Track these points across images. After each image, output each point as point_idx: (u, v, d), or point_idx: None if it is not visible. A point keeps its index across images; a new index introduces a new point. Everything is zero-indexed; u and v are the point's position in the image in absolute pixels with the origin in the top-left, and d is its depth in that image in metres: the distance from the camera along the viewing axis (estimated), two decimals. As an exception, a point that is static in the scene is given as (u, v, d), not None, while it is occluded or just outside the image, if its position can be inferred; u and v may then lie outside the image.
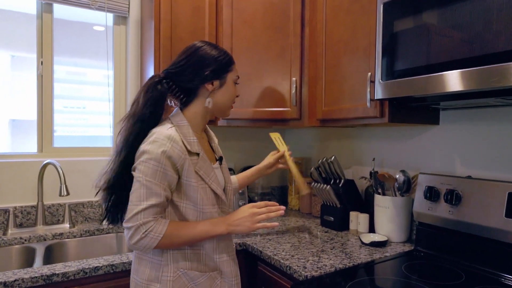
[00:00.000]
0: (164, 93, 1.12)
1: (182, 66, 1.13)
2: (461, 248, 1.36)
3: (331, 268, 1.29)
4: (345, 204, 1.77)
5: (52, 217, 1.83)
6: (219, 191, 1.16)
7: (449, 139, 1.54)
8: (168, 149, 1.04)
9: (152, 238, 1.02)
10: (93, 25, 2.06)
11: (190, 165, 1.09)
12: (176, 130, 1.09)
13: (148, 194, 1.03)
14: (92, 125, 2.11)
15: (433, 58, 1.15)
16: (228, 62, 1.18)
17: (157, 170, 1.03)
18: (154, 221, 1.03)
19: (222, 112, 1.23)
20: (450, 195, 1.37)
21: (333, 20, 1.63)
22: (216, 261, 1.15)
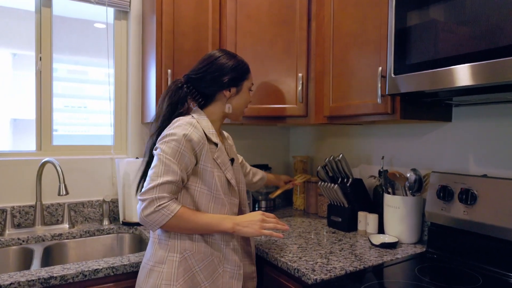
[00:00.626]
0: (185, 97, 1.23)
1: (203, 73, 1.23)
2: (477, 250, 1.30)
3: (341, 271, 1.24)
4: (353, 204, 1.72)
5: (51, 217, 1.78)
6: (233, 182, 1.22)
7: (462, 137, 1.48)
8: (190, 133, 1.11)
9: (164, 214, 1.05)
10: (94, 22, 2.00)
11: (209, 151, 1.15)
12: (197, 121, 1.18)
13: (166, 170, 1.07)
14: (93, 124, 2.05)
15: (449, 51, 1.09)
16: (245, 71, 1.28)
17: (177, 151, 1.09)
18: (169, 199, 1.07)
19: (235, 117, 1.32)
20: (465, 195, 1.31)
21: (341, 13, 1.57)
22: (222, 247, 1.18)
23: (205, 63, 1.24)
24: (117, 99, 2.03)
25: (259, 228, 1.14)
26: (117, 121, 2.03)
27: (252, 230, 1.14)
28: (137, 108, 2.01)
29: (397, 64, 1.25)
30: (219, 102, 1.27)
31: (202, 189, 1.16)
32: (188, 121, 1.15)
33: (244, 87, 1.29)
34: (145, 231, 1.71)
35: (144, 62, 1.96)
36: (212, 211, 1.17)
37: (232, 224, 1.13)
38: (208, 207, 1.17)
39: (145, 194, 1.06)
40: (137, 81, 2.00)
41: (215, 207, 1.18)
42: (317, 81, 1.72)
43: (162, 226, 1.07)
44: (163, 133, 1.15)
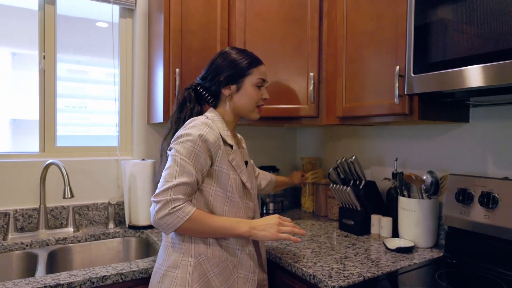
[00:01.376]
0: (189, 97, 1.22)
1: (206, 71, 1.24)
2: (499, 255, 1.26)
3: (359, 277, 1.19)
4: (366, 207, 1.67)
5: (55, 221, 1.73)
6: (248, 184, 1.19)
7: (480, 138, 1.44)
8: (205, 133, 1.08)
9: (178, 217, 1.02)
10: (96, 21, 1.95)
11: (224, 153, 1.12)
12: (212, 121, 1.15)
13: (181, 171, 1.04)
14: (94, 124, 2.00)
15: (474, 49, 1.05)
16: (245, 67, 1.21)
17: (192, 151, 1.06)
18: (183, 201, 1.03)
19: (245, 115, 1.26)
20: (486, 198, 1.27)
21: (355, 11, 1.52)
22: (237, 252, 1.15)
23: (210, 61, 1.24)
24: (122, 99, 1.99)
25: (276, 231, 1.09)
26: (122, 121, 1.99)
27: (269, 234, 1.09)
28: (143, 109, 1.96)
29: (416, 63, 1.21)
30: (225, 101, 1.24)
31: (217, 191, 1.12)
32: (203, 121, 1.12)
33: (246, 84, 1.22)
34: (152, 235, 1.66)
35: (150, 61, 1.91)
36: (226, 214, 1.13)
37: (249, 228, 1.09)
38: (223, 210, 1.13)
39: (159, 195, 1.02)
40: (143, 80, 1.96)
41: (230, 210, 1.14)
42: (329, 81, 1.67)
43: (176, 229, 1.03)
44: (177, 133, 1.12)
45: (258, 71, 1.23)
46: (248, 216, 1.20)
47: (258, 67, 1.23)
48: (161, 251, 1.16)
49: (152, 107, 1.87)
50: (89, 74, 2.03)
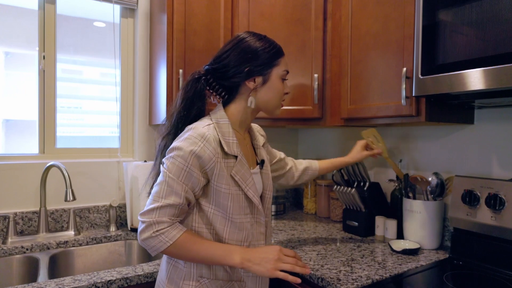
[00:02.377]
0: (201, 91, 1.05)
1: (223, 61, 1.05)
2: (506, 257, 1.26)
3: (367, 280, 1.19)
4: (370, 209, 1.67)
5: (55, 224, 1.70)
6: (255, 200, 1.05)
7: (485, 139, 1.44)
8: (199, 149, 0.95)
9: (161, 241, 0.94)
10: (94, 20, 1.91)
11: (223, 168, 0.99)
12: (214, 128, 1.00)
13: (168, 192, 0.95)
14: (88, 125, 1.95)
15: (483, 50, 1.05)
16: (273, 56, 1.06)
17: (182, 169, 0.95)
18: (168, 224, 0.95)
19: (268, 111, 1.12)
20: (493, 200, 1.27)
21: (361, 12, 1.52)
22: (241, 272, 1.05)
23: (226, 49, 1.05)
24: (123, 100, 1.96)
25: (272, 268, 0.93)
26: (123, 122, 1.96)
27: (264, 270, 0.94)
28: (145, 110, 1.94)
29: (424, 64, 1.21)
30: (245, 95, 1.07)
31: (216, 211, 1.01)
32: (199, 133, 0.96)
33: (272, 76, 1.06)
34: (155, 238, 1.64)
35: (152, 61, 1.89)
36: (228, 235, 1.02)
37: (241, 259, 0.95)
38: (223, 231, 1.02)
39: (144, 215, 0.95)
40: (144, 81, 1.93)
41: (232, 231, 1.02)
42: (333, 82, 1.67)
43: (160, 252, 0.96)
44: (172, 143, 0.99)
45: (283, 61, 1.09)
46: (260, 232, 1.08)
47: (284, 57, 1.10)
48: (163, 264, 1.08)
49: (154, 108, 1.85)
50: (83, 74, 1.99)
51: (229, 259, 0.96)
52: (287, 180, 1.45)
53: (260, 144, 1.19)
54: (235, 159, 1.02)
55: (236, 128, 1.09)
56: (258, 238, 1.08)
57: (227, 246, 0.98)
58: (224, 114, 1.05)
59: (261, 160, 1.14)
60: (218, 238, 1.02)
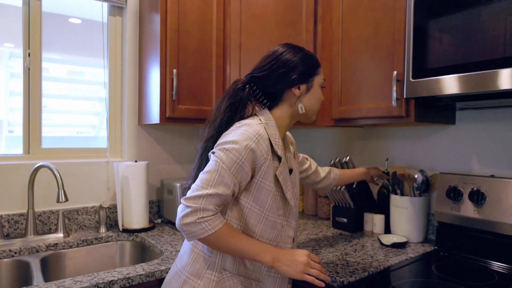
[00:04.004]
0: (247, 98, 1.10)
1: (268, 70, 1.10)
2: (488, 248, 1.36)
3: (363, 272, 1.25)
4: (359, 205, 1.74)
5: (43, 226, 1.65)
6: (292, 202, 1.11)
7: (465, 139, 1.55)
8: (254, 144, 1.00)
9: (204, 228, 0.96)
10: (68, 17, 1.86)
11: (270, 167, 1.04)
12: (264, 127, 1.05)
13: (219, 181, 0.97)
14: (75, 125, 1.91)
15: (469, 57, 1.14)
16: (314, 65, 1.14)
17: (235, 162, 0.99)
18: (213, 213, 0.97)
19: (308, 117, 1.18)
20: (476, 195, 1.37)
21: (351, 17, 1.59)
22: (263, 272, 1.08)
23: (270, 59, 1.11)
24: (111, 99, 1.93)
25: (301, 271, 1.00)
26: (111, 122, 1.93)
27: (293, 272, 1.00)
28: (134, 109, 1.92)
29: (415, 68, 1.28)
30: (288, 102, 1.12)
31: (253, 207, 1.05)
32: (255, 130, 1.02)
33: (315, 84, 1.14)
34: (148, 238, 1.63)
35: (142, 61, 1.87)
36: (260, 232, 1.05)
37: (272, 259, 1.00)
38: (256, 228, 1.05)
39: (190, 200, 0.96)
40: (134, 81, 1.91)
41: (264, 229, 1.06)
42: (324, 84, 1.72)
43: (199, 239, 0.98)
44: (224, 137, 1.03)
45: (322, 71, 1.17)
46: (289, 235, 1.12)
47: (321, 67, 1.18)
48: (186, 252, 1.10)
49: (144, 108, 1.84)
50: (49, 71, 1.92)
51: (262, 257, 1.00)
52: (312, 179, 1.48)
53: (292, 152, 1.22)
54: (278, 161, 1.07)
55: (280, 132, 1.13)
56: (286, 241, 1.12)
57: (261, 244, 1.02)
58: (272, 117, 1.11)
59: (290, 169, 1.16)
60: (247, 234, 1.06)
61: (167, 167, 2.01)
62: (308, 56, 1.13)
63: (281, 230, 1.10)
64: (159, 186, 1.98)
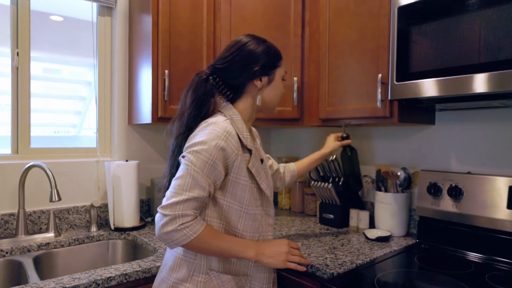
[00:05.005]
0: (211, 90, 1.09)
1: (230, 61, 1.09)
2: (465, 239, 1.46)
3: (351, 264, 1.32)
4: (344, 202, 1.82)
5: (33, 226, 1.65)
6: (268, 192, 1.13)
7: (444, 138, 1.65)
8: (223, 142, 1.00)
9: (186, 234, 0.96)
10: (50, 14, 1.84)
11: (242, 161, 1.04)
12: (231, 123, 1.05)
13: (193, 185, 0.97)
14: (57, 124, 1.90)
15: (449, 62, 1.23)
16: (277, 57, 1.14)
17: (207, 162, 0.98)
18: (192, 217, 0.97)
19: (269, 110, 1.19)
20: (454, 190, 1.47)
21: (338, 21, 1.66)
22: (250, 265, 1.10)
23: (232, 50, 1.10)
24: (100, 99, 1.94)
25: (284, 260, 1.05)
26: (100, 122, 1.94)
27: (276, 262, 1.05)
28: (124, 109, 1.93)
29: (399, 72, 1.36)
30: (250, 94, 1.12)
31: (232, 204, 1.05)
32: (223, 127, 1.01)
33: (276, 76, 1.14)
34: (140, 236, 1.65)
35: (132, 61, 1.89)
36: (242, 227, 1.07)
37: (256, 254, 1.04)
38: (238, 223, 1.07)
39: (168, 208, 0.95)
40: (123, 81, 1.93)
41: (246, 223, 1.07)
42: (311, 85, 1.79)
43: (182, 245, 0.98)
44: (192, 139, 1.03)
45: (283, 63, 1.17)
46: (268, 223, 1.15)
47: (283, 60, 1.18)
48: (170, 258, 1.10)
49: (135, 108, 1.86)
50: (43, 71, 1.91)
51: (246, 253, 1.03)
52: (275, 180, 1.50)
53: (258, 143, 1.26)
54: (249, 154, 1.08)
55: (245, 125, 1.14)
56: (267, 230, 1.15)
57: (243, 241, 1.05)
58: (236, 111, 1.10)
59: (261, 159, 1.19)
60: (230, 231, 1.07)
61: (156, 166, 2.03)
62: (270, 48, 1.13)
63: (262, 220, 1.12)
64: (149, 185, 2.00)
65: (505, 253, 1.35)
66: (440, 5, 1.24)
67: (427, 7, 1.28)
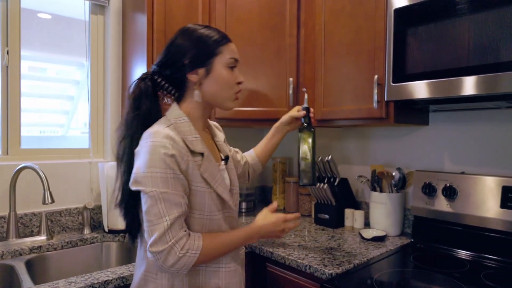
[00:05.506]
0: (146, 89, 1.01)
1: (164, 55, 1.03)
2: (459, 238, 1.48)
3: (349, 264, 1.33)
4: (340, 202, 1.83)
5: (24, 229, 1.61)
6: (225, 196, 1.04)
7: (438, 139, 1.67)
8: (170, 148, 0.92)
9: (190, 256, 0.91)
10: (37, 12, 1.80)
11: (194, 167, 0.97)
12: (174, 128, 0.97)
13: (168, 207, 0.90)
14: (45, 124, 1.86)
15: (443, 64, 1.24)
16: (213, 45, 1.02)
17: (167, 177, 0.91)
18: (186, 237, 0.92)
19: (219, 105, 1.07)
20: (449, 190, 1.49)
21: (334, 23, 1.67)
22: (221, 272, 1.04)
23: (165, 48, 1.04)
24: (92, 99, 1.91)
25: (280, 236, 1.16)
26: (93, 122, 1.91)
27: (276, 237, 1.16)
28: (117, 109, 1.90)
29: (395, 73, 1.38)
30: (192, 90, 1.04)
31: (192, 214, 0.98)
32: (164, 135, 0.93)
33: (216, 65, 1.02)
34: (135, 238, 1.63)
35: (126, 61, 1.86)
36: None
37: (258, 239, 1.10)
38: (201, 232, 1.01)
39: (158, 245, 0.89)
40: (117, 81, 1.90)
41: (212, 230, 1.02)
42: (307, 86, 1.79)
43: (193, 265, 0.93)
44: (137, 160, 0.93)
45: (228, 49, 1.04)
46: (232, 227, 1.10)
47: (228, 45, 1.05)
48: (136, 278, 1.05)
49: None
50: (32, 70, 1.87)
51: (250, 242, 1.08)
52: (244, 173, 1.43)
53: (221, 140, 1.19)
54: (201, 157, 0.99)
55: (195, 125, 1.05)
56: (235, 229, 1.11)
57: (242, 232, 1.05)
58: (181, 113, 1.02)
59: (226, 156, 1.13)
60: None
61: (150, 167, 2.01)
62: (202, 36, 1.01)
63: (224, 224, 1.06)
64: (143, 187, 1.97)
65: (498, 251, 1.38)
66: (435, 8, 1.26)
67: (422, 9, 1.29)
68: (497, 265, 1.35)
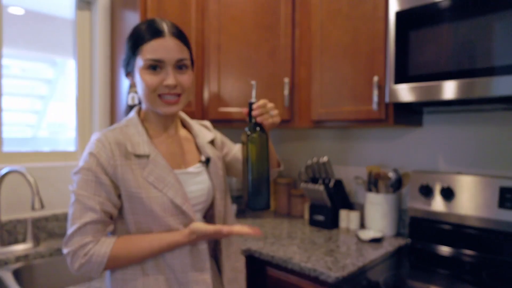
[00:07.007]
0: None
1: None
2: (457, 238, 1.51)
3: (353, 267, 1.32)
4: (335, 203, 1.83)
5: (9, 236, 1.51)
6: (178, 200, 0.93)
7: (432, 140, 1.70)
8: (96, 153, 0.89)
9: (96, 262, 0.86)
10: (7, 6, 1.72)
11: (128, 172, 0.90)
12: (119, 130, 0.94)
13: (82, 210, 0.87)
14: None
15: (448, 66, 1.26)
16: (133, 45, 0.94)
17: (87, 180, 0.88)
18: (93, 243, 0.87)
19: (154, 110, 0.97)
20: (445, 191, 1.51)
21: (331, 24, 1.66)
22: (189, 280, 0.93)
23: None
24: (79, 99, 1.82)
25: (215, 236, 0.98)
26: (80, 124, 1.82)
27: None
28: (105, 110, 1.82)
29: (397, 75, 1.38)
30: None
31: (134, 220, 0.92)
32: (95, 138, 0.91)
33: (135, 68, 0.94)
34: (129, 244, 1.57)
35: (115, 59, 1.79)
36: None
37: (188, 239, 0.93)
38: None
39: (67, 245, 0.86)
40: (105, 80, 1.82)
41: None
42: (302, 87, 1.79)
43: (103, 270, 0.88)
44: None
45: (148, 48, 0.91)
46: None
47: (150, 43, 0.91)
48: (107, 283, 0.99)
49: (118, 109, 1.76)
50: None
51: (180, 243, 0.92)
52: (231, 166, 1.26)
53: (205, 141, 1.08)
54: (146, 159, 0.93)
55: (153, 127, 1.00)
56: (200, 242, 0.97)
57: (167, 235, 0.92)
58: (134, 115, 0.99)
59: (206, 158, 1.05)
60: None
61: (140, 170, 1.94)
62: (131, 34, 0.96)
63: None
64: (133, 190, 1.90)
65: (496, 251, 1.41)
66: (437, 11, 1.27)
67: (424, 12, 1.31)
68: (496, 264, 1.39)
